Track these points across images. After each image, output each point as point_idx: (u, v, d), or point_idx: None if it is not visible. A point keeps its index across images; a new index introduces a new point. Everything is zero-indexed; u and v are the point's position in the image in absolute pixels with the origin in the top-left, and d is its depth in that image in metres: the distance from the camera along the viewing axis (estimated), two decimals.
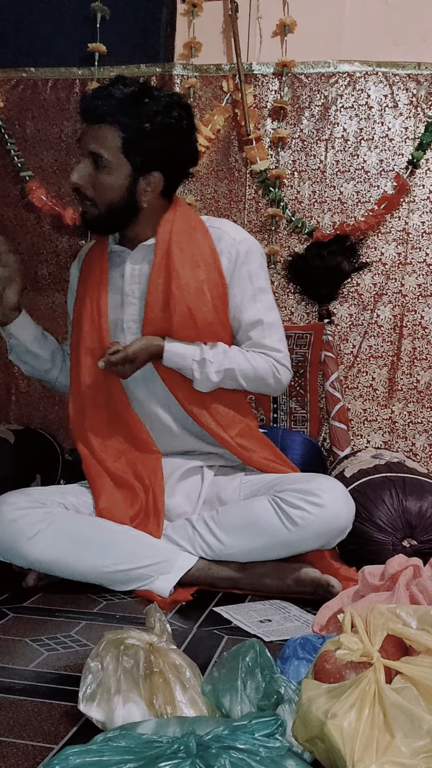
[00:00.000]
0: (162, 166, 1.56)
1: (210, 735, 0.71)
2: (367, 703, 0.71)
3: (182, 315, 1.57)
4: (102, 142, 1.52)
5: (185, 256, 1.59)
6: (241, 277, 1.63)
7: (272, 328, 1.66)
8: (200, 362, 1.57)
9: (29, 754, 0.83)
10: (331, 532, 1.46)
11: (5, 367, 2.61)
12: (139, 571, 1.44)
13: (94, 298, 1.65)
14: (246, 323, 1.64)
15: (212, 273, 1.60)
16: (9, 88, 2.57)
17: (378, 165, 2.39)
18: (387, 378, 2.39)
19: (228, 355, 1.60)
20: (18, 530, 1.42)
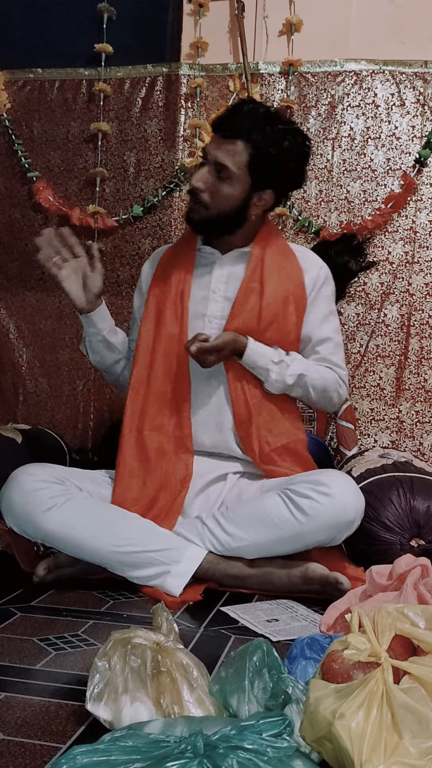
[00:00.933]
0: (275, 186, 1.66)
1: (217, 735, 0.71)
2: (375, 704, 0.71)
3: (269, 318, 1.65)
4: (231, 156, 1.60)
5: (278, 269, 1.69)
6: (320, 297, 1.74)
7: (339, 347, 1.77)
8: (278, 363, 1.63)
9: (37, 753, 0.83)
10: (340, 523, 1.46)
11: (13, 367, 2.62)
12: (149, 554, 1.45)
13: (179, 291, 1.71)
14: (317, 339, 1.73)
15: (298, 288, 1.70)
16: (16, 89, 2.58)
17: (385, 164, 2.39)
18: (394, 377, 2.38)
19: (302, 362, 1.68)
20: (35, 501, 1.45)
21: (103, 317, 1.71)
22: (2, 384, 2.64)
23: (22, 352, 2.62)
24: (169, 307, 1.70)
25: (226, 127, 1.62)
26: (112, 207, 2.53)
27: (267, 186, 1.64)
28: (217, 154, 1.61)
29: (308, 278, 1.72)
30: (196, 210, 1.65)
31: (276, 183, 1.65)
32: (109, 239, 2.54)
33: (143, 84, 2.51)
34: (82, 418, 2.57)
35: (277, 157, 1.61)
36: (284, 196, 1.75)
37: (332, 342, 1.74)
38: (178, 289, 1.71)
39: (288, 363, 1.64)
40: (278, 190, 1.68)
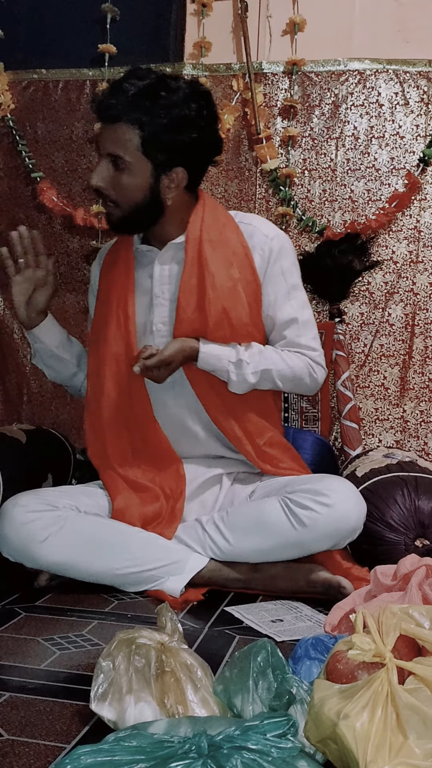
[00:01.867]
0: (184, 161, 1.49)
1: (221, 735, 0.71)
2: (379, 704, 0.70)
3: (217, 315, 1.53)
4: (120, 143, 1.46)
5: (218, 255, 1.54)
6: (274, 274, 1.59)
7: (306, 326, 1.62)
8: (237, 363, 1.53)
9: (41, 753, 0.83)
10: (341, 532, 1.45)
11: (17, 368, 2.62)
12: (150, 572, 1.44)
13: (121, 302, 1.59)
14: (280, 322, 1.60)
15: (245, 271, 1.56)
16: (20, 90, 2.58)
17: (389, 163, 2.38)
18: (398, 377, 2.38)
19: (264, 355, 1.56)
20: (29, 533, 1.41)
21: (49, 332, 1.63)
22: (6, 384, 2.64)
23: (26, 352, 2.62)
24: (112, 322, 1.59)
25: (105, 110, 1.46)
26: None
27: (173, 164, 1.48)
28: (107, 144, 1.47)
29: (257, 256, 1.57)
30: (111, 212, 1.54)
31: (182, 158, 1.48)
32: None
33: None
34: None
35: (170, 129, 1.43)
36: (202, 167, 1.56)
37: (298, 323, 1.60)
38: (120, 300, 1.59)
39: (247, 360, 1.52)
40: (190, 164, 1.50)
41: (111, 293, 1.62)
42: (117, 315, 1.60)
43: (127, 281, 1.61)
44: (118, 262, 1.64)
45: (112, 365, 1.59)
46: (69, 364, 1.70)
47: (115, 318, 1.60)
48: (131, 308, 1.59)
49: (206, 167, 1.59)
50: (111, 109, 1.45)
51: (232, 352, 1.54)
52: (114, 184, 1.50)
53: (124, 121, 1.45)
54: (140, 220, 1.55)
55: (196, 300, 1.54)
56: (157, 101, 1.44)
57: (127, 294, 1.59)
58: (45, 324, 1.63)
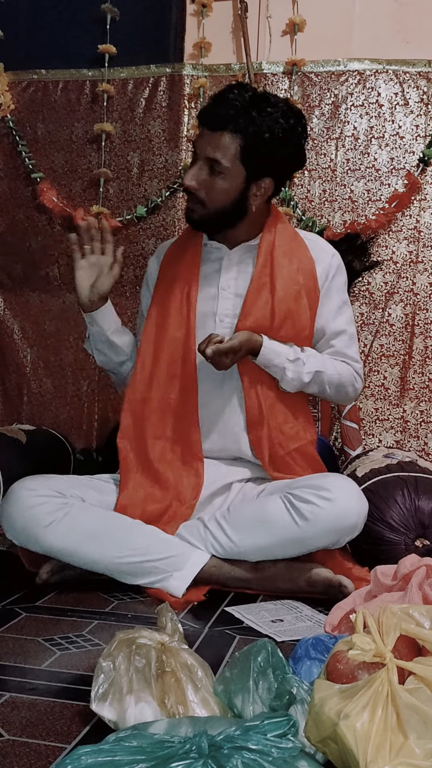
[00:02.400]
0: (274, 173, 1.60)
1: (222, 735, 0.71)
2: (380, 704, 0.70)
3: (282, 315, 1.60)
4: (221, 149, 1.54)
5: (288, 260, 1.64)
6: (332, 288, 1.69)
7: (353, 339, 1.73)
8: (294, 362, 1.59)
9: (42, 753, 0.83)
10: (342, 528, 1.45)
11: (17, 368, 2.63)
12: (151, 563, 1.44)
13: (184, 290, 1.66)
14: (330, 332, 1.68)
15: (309, 280, 1.65)
16: (20, 90, 2.59)
17: (389, 163, 2.38)
18: (399, 377, 2.38)
19: (318, 358, 1.64)
20: (34, 517, 1.44)
21: (106, 317, 1.68)
22: (6, 385, 2.65)
23: (26, 352, 2.62)
24: (174, 308, 1.66)
25: (211, 118, 1.55)
26: (115, 207, 2.53)
27: (264, 174, 1.58)
28: (207, 149, 1.55)
29: (320, 269, 1.67)
30: (194, 209, 1.60)
31: (273, 169, 1.59)
32: (114, 240, 2.54)
33: (147, 84, 2.51)
34: (86, 419, 2.58)
35: (270, 142, 1.53)
36: (285, 180, 1.69)
37: (347, 334, 1.70)
38: (184, 288, 1.66)
39: (304, 360, 1.60)
40: (277, 176, 1.61)
41: (175, 282, 1.68)
42: (180, 302, 1.66)
43: (193, 272, 1.68)
44: (184, 255, 1.71)
45: (169, 348, 1.65)
46: (120, 351, 1.73)
47: (177, 305, 1.66)
48: (194, 297, 1.65)
49: (290, 178, 1.73)
50: (218, 118, 1.54)
51: (291, 350, 1.61)
52: (207, 186, 1.57)
53: (229, 130, 1.53)
54: (221, 222, 1.63)
55: (265, 297, 1.61)
56: (261, 114, 1.53)
57: (192, 283, 1.66)
58: (105, 309, 1.67)
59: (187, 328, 1.64)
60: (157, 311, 1.69)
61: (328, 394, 1.68)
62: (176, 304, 1.66)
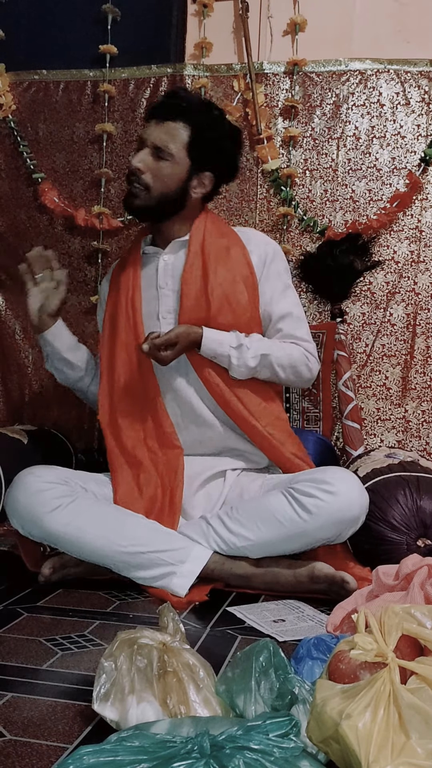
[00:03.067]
0: (214, 168, 1.69)
1: (224, 735, 0.71)
2: (381, 704, 0.70)
3: (219, 301, 1.64)
4: (171, 136, 1.63)
5: (219, 250, 1.69)
6: (270, 274, 1.73)
7: (300, 320, 1.75)
8: (238, 348, 1.62)
9: (44, 753, 0.83)
10: (345, 520, 1.46)
11: (18, 369, 2.63)
12: (155, 554, 1.45)
13: (129, 296, 1.73)
14: (276, 316, 1.72)
15: (244, 269, 1.69)
16: (21, 91, 2.59)
17: (390, 163, 2.38)
18: (400, 377, 2.38)
19: (263, 342, 1.67)
20: (40, 501, 1.46)
21: (58, 337, 1.75)
22: (8, 385, 2.65)
23: (27, 353, 2.62)
24: (121, 315, 1.73)
25: (164, 109, 1.66)
26: (117, 208, 2.53)
27: (206, 168, 1.67)
28: (158, 135, 1.63)
29: (255, 257, 1.72)
30: (137, 194, 1.67)
31: (214, 166, 1.68)
32: (114, 240, 2.54)
33: (148, 85, 2.51)
34: (87, 419, 2.58)
35: (216, 138, 1.65)
36: (221, 183, 1.75)
37: (293, 317, 1.73)
38: (128, 295, 1.73)
39: (248, 345, 1.62)
40: (217, 174, 1.70)
41: (120, 292, 1.76)
42: (126, 308, 1.73)
43: (135, 278, 1.74)
44: (126, 266, 1.78)
45: (122, 353, 1.72)
46: (77, 368, 1.80)
47: (124, 311, 1.73)
48: (138, 301, 1.72)
49: (222, 183, 1.78)
50: (171, 108, 1.65)
51: (232, 337, 1.63)
52: (153, 170, 1.65)
53: (181, 120, 1.63)
54: (161, 211, 1.69)
55: (198, 288, 1.66)
56: (210, 113, 1.67)
57: (135, 289, 1.73)
58: (54, 328, 1.74)
59: (135, 332, 1.70)
60: (109, 322, 1.77)
61: (283, 378, 1.70)
62: (123, 311, 1.73)
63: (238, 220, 2.44)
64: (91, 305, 2.53)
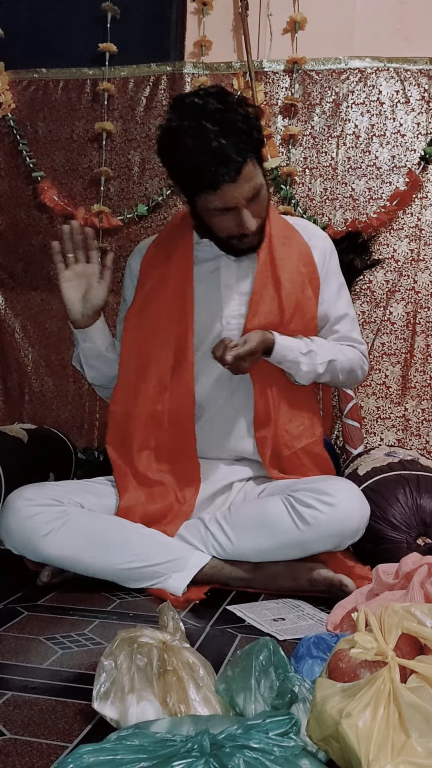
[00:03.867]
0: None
1: (224, 734, 0.71)
2: (382, 703, 0.70)
3: (293, 308, 1.57)
4: (253, 176, 1.42)
5: (287, 252, 1.59)
6: (330, 272, 1.67)
7: (355, 322, 1.72)
8: (307, 354, 1.57)
9: (44, 752, 0.83)
10: (344, 532, 1.44)
11: (18, 367, 2.63)
12: (152, 568, 1.44)
13: (178, 293, 1.57)
14: (334, 317, 1.67)
15: (310, 268, 1.63)
16: (21, 89, 2.58)
17: (390, 161, 2.38)
18: (400, 375, 2.38)
19: (328, 347, 1.62)
20: (32, 527, 1.42)
21: (101, 332, 1.60)
22: (8, 384, 2.65)
23: (27, 351, 2.62)
24: (164, 313, 1.56)
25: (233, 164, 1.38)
26: (116, 206, 2.53)
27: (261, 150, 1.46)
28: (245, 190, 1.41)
29: (317, 254, 1.64)
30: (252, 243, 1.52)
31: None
32: (114, 238, 2.54)
33: (147, 83, 2.51)
34: (87, 418, 2.58)
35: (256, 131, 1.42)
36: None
37: (349, 318, 1.69)
38: (178, 291, 1.57)
39: (317, 351, 1.58)
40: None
41: (164, 285, 1.58)
42: (172, 306, 1.57)
43: (186, 273, 1.58)
44: (173, 255, 1.60)
45: (158, 357, 1.56)
46: (114, 365, 1.64)
47: (168, 309, 1.57)
48: (189, 300, 1.57)
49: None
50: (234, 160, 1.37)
51: (302, 343, 1.58)
52: (259, 214, 1.49)
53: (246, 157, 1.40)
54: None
55: (272, 293, 1.57)
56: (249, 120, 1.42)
57: (186, 285, 1.57)
58: (99, 324, 1.59)
59: (184, 335, 1.55)
60: (142, 317, 1.59)
61: (340, 381, 1.67)
62: (167, 308, 1.57)
63: None
64: None
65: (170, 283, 1.58)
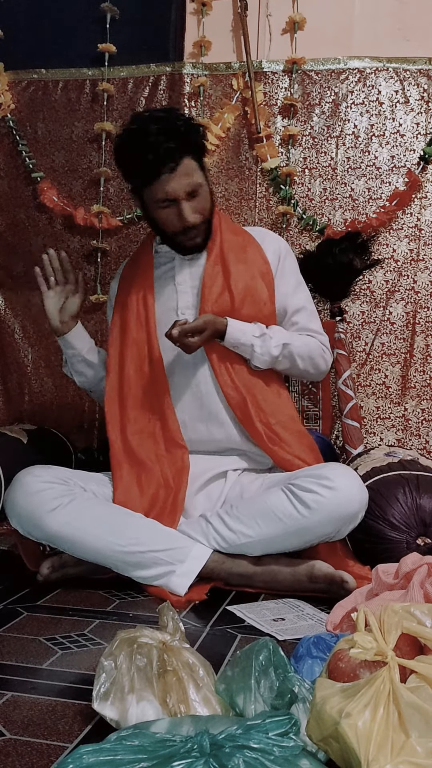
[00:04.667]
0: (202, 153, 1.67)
1: (223, 734, 0.71)
2: (381, 703, 0.70)
3: (243, 294, 1.67)
4: (192, 173, 1.60)
5: (237, 248, 1.71)
6: (285, 270, 1.77)
7: (314, 315, 1.80)
8: (261, 337, 1.64)
9: (43, 752, 0.83)
10: (344, 516, 1.45)
11: (18, 368, 2.63)
12: (153, 554, 1.45)
13: (140, 293, 1.74)
14: (292, 309, 1.76)
15: (262, 265, 1.73)
16: (20, 90, 2.58)
17: (389, 161, 2.38)
18: (400, 375, 2.38)
19: (284, 332, 1.70)
20: (40, 501, 1.45)
21: (79, 338, 1.78)
22: (8, 384, 2.65)
23: (27, 352, 2.62)
24: (133, 312, 1.73)
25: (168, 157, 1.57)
26: (116, 206, 2.53)
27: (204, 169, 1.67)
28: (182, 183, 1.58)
29: (270, 252, 1.75)
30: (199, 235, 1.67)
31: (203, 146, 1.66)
32: (114, 239, 2.54)
33: (147, 83, 2.51)
34: (87, 418, 2.58)
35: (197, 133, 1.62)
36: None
37: (307, 310, 1.78)
38: (140, 292, 1.74)
39: (270, 335, 1.65)
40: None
41: (132, 289, 1.76)
42: (137, 305, 1.74)
43: (147, 276, 1.75)
44: (137, 265, 1.79)
45: (133, 350, 1.72)
46: (97, 368, 1.81)
47: (135, 308, 1.74)
48: (150, 298, 1.73)
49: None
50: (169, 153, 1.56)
51: (256, 327, 1.66)
52: (200, 210, 1.64)
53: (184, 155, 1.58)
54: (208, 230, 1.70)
55: (221, 282, 1.68)
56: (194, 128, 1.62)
57: (147, 286, 1.74)
58: (77, 330, 1.78)
59: (147, 328, 1.71)
60: (119, 318, 1.77)
61: (300, 367, 1.72)
62: (134, 307, 1.74)
63: (237, 218, 2.44)
64: (91, 304, 2.53)
65: (135, 287, 1.76)
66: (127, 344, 1.72)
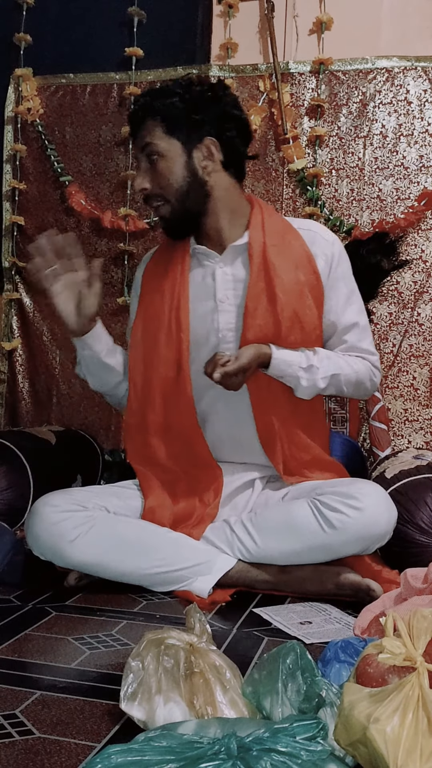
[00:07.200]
0: (210, 132, 1.51)
1: (251, 737, 0.71)
2: (410, 708, 0.70)
3: (289, 320, 1.51)
4: (148, 135, 1.51)
5: (283, 258, 1.53)
6: (337, 278, 1.59)
7: (366, 331, 1.63)
8: (307, 369, 1.51)
9: (72, 752, 0.84)
10: (371, 537, 1.42)
11: (46, 369, 2.65)
12: (179, 572, 1.44)
13: (173, 304, 1.56)
14: (342, 326, 1.60)
15: (310, 276, 1.55)
16: (48, 95, 2.61)
17: (418, 161, 2.36)
18: (428, 377, 2.35)
19: (332, 360, 1.55)
20: (59, 533, 1.42)
21: (98, 339, 1.58)
22: (36, 386, 2.68)
23: (55, 354, 2.65)
24: (163, 324, 1.56)
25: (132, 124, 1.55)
26: (143, 209, 2.54)
27: (200, 136, 1.51)
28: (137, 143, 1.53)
29: (320, 261, 1.56)
30: (161, 211, 1.53)
31: (206, 129, 1.50)
32: (140, 241, 2.56)
33: None
34: (114, 419, 2.59)
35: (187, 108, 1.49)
36: (233, 141, 1.54)
37: (359, 327, 1.60)
38: (173, 303, 1.55)
39: (317, 366, 1.52)
40: (217, 135, 1.52)
41: (162, 295, 1.58)
42: (169, 319, 1.56)
43: (182, 283, 1.57)
44: (170, 265, 1.60)
45: (160, 370, 1.57)
46: (115, 372, 1.64)
47: (166, 322, 1.56)
48: (185, 312, 1.56)
49: (237, 143, 1.56)
50: (134, 118, 1.54)
51: (302, 357, 1.52)
52: (153, 177, 1.51)
53: (146, 117, 1.52)
54: (190, 210, 1.53)
55: (265, 305, 1.51)
56: (168, 93, 1.52)
57: (181, 296, 1.56)
58: (96, 330, 1.57)
59: (178, 349, 1.55)
60: (144, 327, 1.60)
61: (346, 394, 1.62)
62: (165, 319, 1.56)
63: None
64: (119, 307, 2.55)
65: (167, 294, 1.58)
66: (154, 362, 1.57)
